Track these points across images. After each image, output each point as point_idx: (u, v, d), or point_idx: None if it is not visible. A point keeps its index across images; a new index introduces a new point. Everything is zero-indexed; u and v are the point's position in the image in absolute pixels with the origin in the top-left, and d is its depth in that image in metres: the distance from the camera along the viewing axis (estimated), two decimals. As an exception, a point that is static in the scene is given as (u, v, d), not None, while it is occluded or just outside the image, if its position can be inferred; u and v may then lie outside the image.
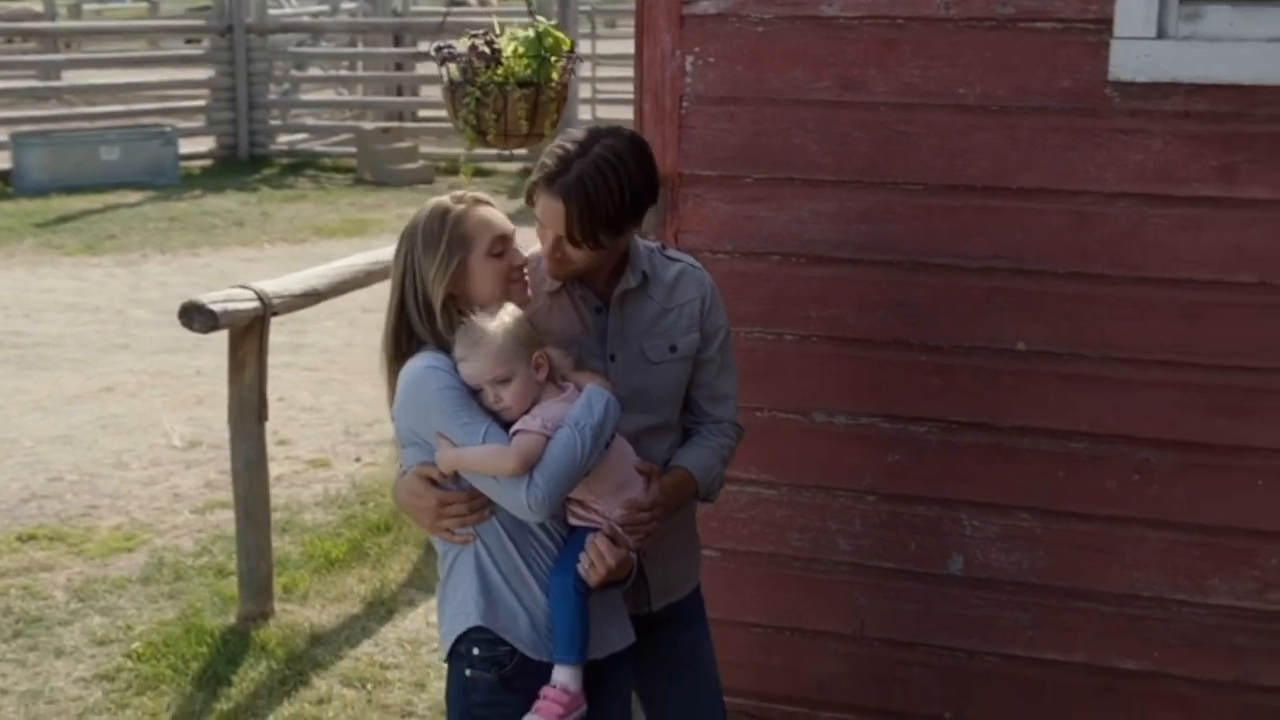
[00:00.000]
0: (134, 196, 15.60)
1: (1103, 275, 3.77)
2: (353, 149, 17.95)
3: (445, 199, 2.95)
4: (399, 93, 20.34)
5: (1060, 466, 3.89)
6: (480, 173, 17.62)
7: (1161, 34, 3.59)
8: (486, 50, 4.20)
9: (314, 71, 20.26)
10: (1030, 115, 3.75)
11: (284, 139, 18.91)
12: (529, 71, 4.14)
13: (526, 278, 2.97)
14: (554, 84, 4.20)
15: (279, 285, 5.31)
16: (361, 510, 6.57)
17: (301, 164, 18.18)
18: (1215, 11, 3.57)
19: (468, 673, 2.96)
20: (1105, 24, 3.63)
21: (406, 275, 2.92)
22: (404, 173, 17.07)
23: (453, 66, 4.24)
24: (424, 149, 18.18)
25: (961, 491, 3.98)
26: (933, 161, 3.85)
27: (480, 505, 2.90)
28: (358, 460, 7.37)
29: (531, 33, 4.16)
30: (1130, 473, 3.84)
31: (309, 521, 6.45)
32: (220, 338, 5.35)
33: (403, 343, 2.95)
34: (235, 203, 15.45)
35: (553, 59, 4.19)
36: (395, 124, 18.92)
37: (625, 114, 19.22)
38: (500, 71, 4.14)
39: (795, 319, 4.02)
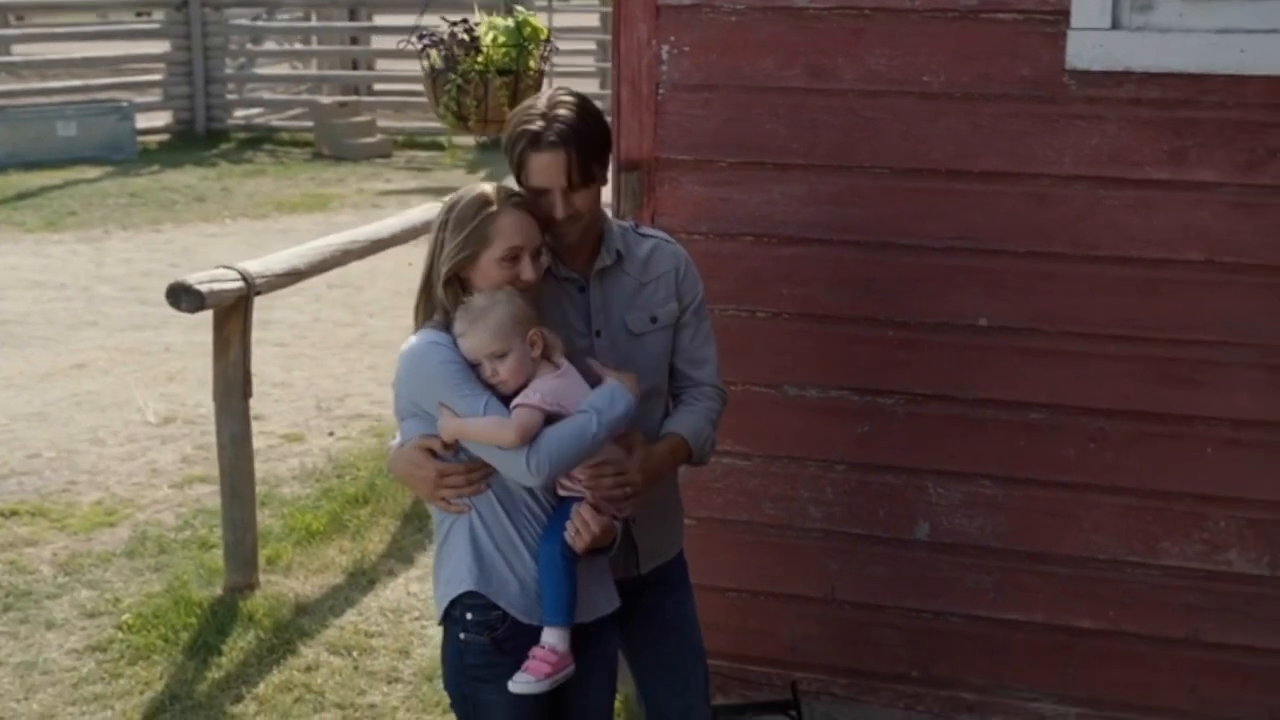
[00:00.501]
0: (92, 172, 15.62)
1: (1060, 254, 3.95)
2: (310, 123, 17.98)
3: (491, 190, 3.07)
4: (354, 67, 20.35)
5: (1020, 436, 4.08)
6: (438, 146, 17.71)
7: (1116, 25, 3.77)
8: (466, 38, 4.36)
9: (269, 45, 20.23)
10: (991, 102, 3.92)
11: (240, 113, 18.90)
12: (508, 60, 4.29)
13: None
14: (532, 71, 4.36)
15: (262, 265, 5.43)
16: (338, 483, 6.71)
17: (259, 138, 18.21)
18: (1166, 4, 3.75)
19: (461, 636, 3.11)
20: (1062, 15, 3.81)
21: (436, 243, 3.07)
22: (362, 146, 17.13)
23: (434, 53, 4.39)
24: (381, 123, 18.23)
25: (927, 460, 4.16)
26: (898, 146, 4.01)
27: (478, 479, 3.04)
28: (331, 434, 7.49)
29: (511, 22, 4.32)
30: (1087, 441, 4.03)
31: (287, 495, 6.58)
32: (187, 315, 5.40)
33: (426, 302, 3.10)
34: (195, 178, 15.48)
35: (531, 47, 4.35)
36: (352, 98, 18.95)
37: (581, 86, 19.24)
38: (481, 59, 4.30)
39: (768, 297, 4.19)
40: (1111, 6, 3.76)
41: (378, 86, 20.05)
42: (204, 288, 5.03)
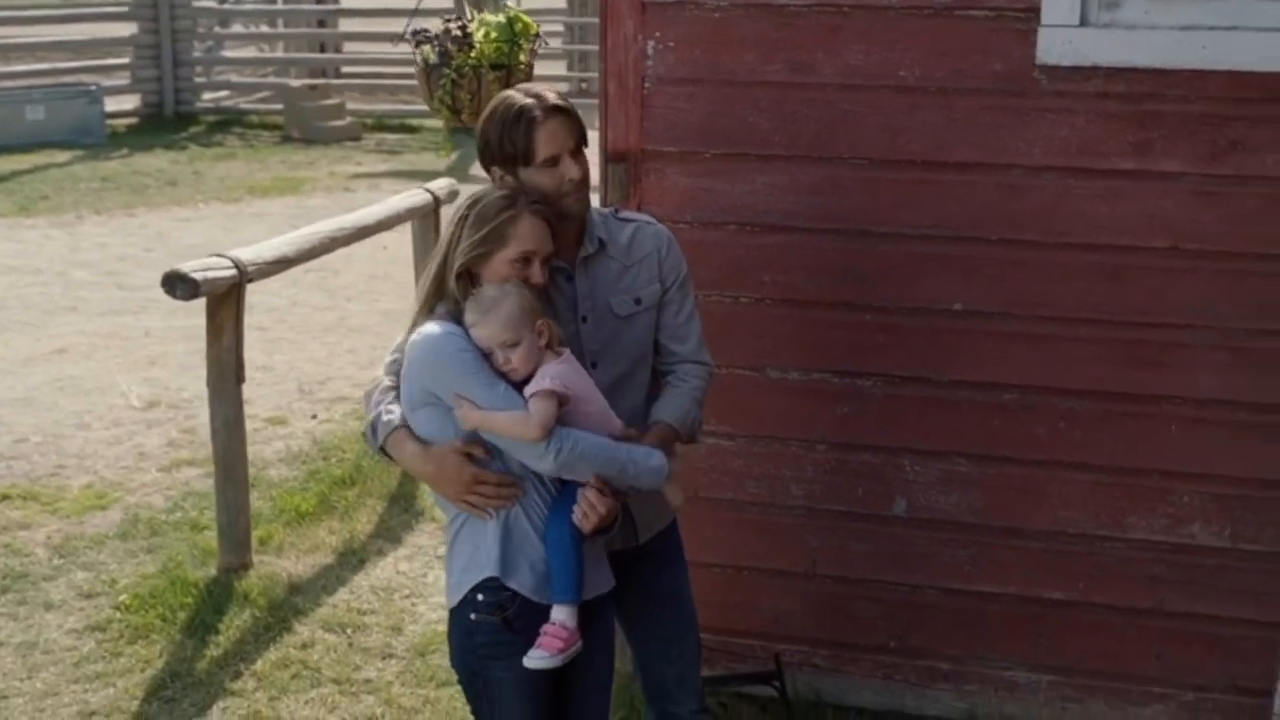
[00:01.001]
0: (62, 156, 15.62)
1: (1031, 242, 4.11)
2: (279, 106, 18.00)
3: (513, 192, 3.19)
4: (322, 49, 20.37)
5: (994, 416, 4.24)
6: (407, 128, 17.78)
7: (1084, 22, 3.93)
8: (459, 33, 4.49)
9: (236, 28, 20.22)
10: (965, 96, 4.07)
11: (209, 96, 18.90)
12: (500, 55, 4.42)
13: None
14: (523, 65, 4.49)
15: (253, 253, 5.55)
16: (324, 465, 6.82)
17: (228, 121, 18.21)
18: (1132, 2, 3.91)
19: (472, 616, 3.20)
20: (1033, 12, 3.96)
21: (453, 236, 3.19)
22: (332, 129, 17.17)
23: (428, 48, 4.52)
24: (350, 105, 18.27)
25: (904, 440, 4.32)
26: (876, 138, 4.16)
27: (508, 495, 3.17)
28: (314, 418, 7.60)
29: (502, 18, 4.45)
30: (1057, 421, 4.20)
31: (275, 477, 6.70)
32: (165, 300, 5.45)
33: (437, 289, 3.21)
34: (165, 162, 15.50)
35: (522, 42, 4.48)
36: (320, 81, 18.98)
37: (550, 68, 19.18)
38: (474, 55, 4.42)
39: (750, 283, 4.33)
40: (1080, 4, 3.91)
41: (346, 69, 20.08)
42: (198, 275, 5.14)
